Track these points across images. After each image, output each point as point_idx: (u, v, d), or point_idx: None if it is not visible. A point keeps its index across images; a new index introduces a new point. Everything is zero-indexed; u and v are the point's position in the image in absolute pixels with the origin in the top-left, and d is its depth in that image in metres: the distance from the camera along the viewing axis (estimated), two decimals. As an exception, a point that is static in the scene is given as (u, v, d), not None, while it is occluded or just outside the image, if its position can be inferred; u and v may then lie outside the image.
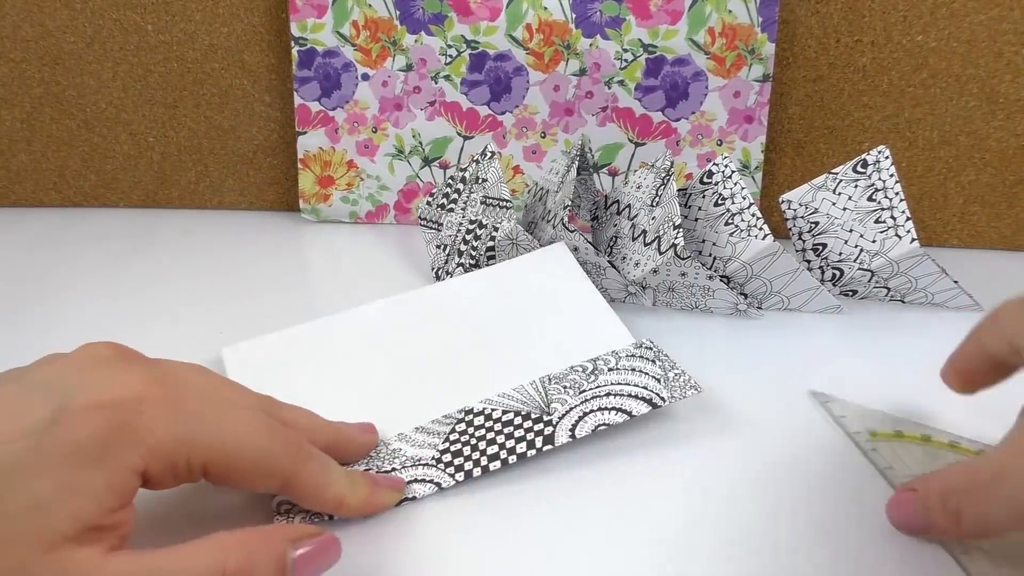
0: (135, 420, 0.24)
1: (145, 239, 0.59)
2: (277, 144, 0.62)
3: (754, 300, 0.50)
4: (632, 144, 0.58)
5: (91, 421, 0.24)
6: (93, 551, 0.23)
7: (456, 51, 0.56)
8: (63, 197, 0.63)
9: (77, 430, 0.23)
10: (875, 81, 0.56)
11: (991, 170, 0.58)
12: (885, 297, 0.51)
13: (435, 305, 0.44)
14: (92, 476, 0.23)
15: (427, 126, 0.58)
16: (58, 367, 0.26)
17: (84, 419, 0.24)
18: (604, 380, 0.37)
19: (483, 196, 0.49)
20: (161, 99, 0.60)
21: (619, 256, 0.50)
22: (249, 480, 0.27)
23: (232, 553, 0.24)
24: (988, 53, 0.54)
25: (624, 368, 0.38)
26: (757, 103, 0.56)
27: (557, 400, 0.36)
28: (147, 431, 0.24)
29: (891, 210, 0.48)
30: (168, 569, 0.24)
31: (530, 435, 0.35)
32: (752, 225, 0.47)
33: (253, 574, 0.24)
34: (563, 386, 0.37)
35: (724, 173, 0.49)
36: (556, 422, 0.35)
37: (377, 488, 0.31)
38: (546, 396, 0.36)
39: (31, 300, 0.49)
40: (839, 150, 0.59)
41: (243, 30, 0.58)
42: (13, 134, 0.61)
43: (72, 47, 0.58)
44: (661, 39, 0.55)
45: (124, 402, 0.24)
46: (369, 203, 0.61)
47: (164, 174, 0.63)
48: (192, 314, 0.48)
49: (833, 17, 0.55)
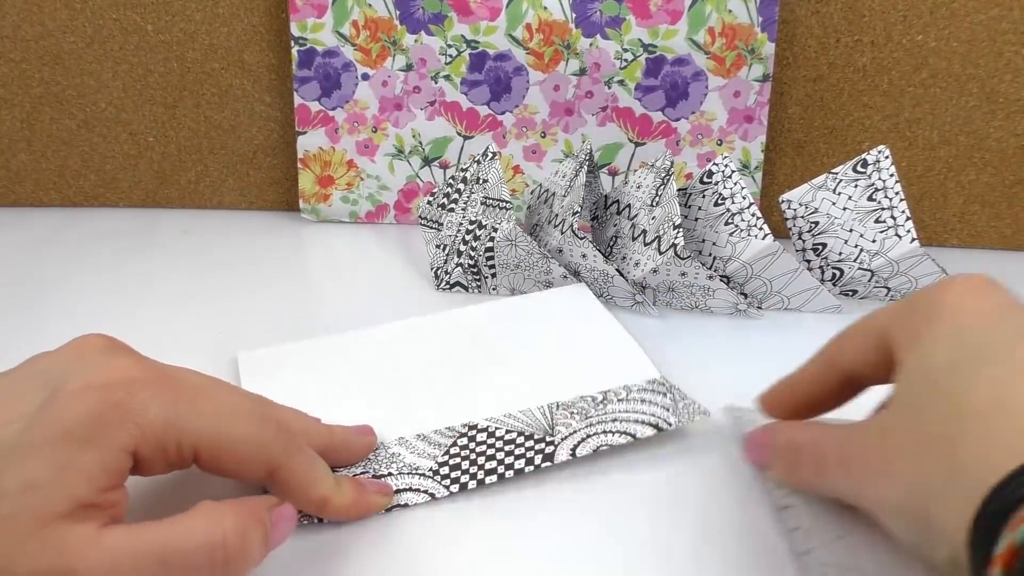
0: (128, 401, 0.24)
1: (145, 239, 0.59)
2: (277, 144, 0.62)
3: (754, 300, 0.50)
4: (632, 144, 0.58)
5: (84, 401, 0.24)
6: (87, 527, 0.23)
7: (456, 51, 0.56)
8: (63, 197, 0.63)
9: (69, 410, 0.24)
10: (875, 81, 0.56)
11: (991, 170, 0.58)
12: (885, 297, 0.51)
13: (453, 328, 0.44)
14: (84, 455, 0.23)
15: (427, 126, 0.58)
16: (53, 357, 0.27)
17: (76, 400, 0.24)
18: (612, 409, 0.37)
19: (483, 197, 0.49)
20: (161, 99, 0.60)
21: (619, 256, 0.50)
22: (237, 467, 0.27)
23: (228, 523, 0.25)
24: (988, 53, 0.54)
25: (634, 399, 0.38)
26: (757, 103, 0.56)
27: (562, 424, 0.36)
28: (139, 412, 0.25)
29: (891, 210, 0.48)
30: (166, 541, 0.24)
31: (530, 453, 0.35)
32: (752, 225, 0.47)
33: (247, 542, 0.25)
34: (570, 412, 0.36)
35: (724, 173, 0.49)
36: (558, 443, 0.35)
37: (364, 492, 0.31)
38: (552, 420, 0.36)
39: (31, 300, 0.49)
40: (839, 150, 0.59)
41: (243, 30, 0.58)
42: (13, 134, 0.61)
43: (72, 47, 0.58)
44: (661, 39, 0.55)
45: (117, 384, 0.25)
46: (369, 203, 0.61)
47: (164, 174, 0.63)
48: (192, 314, 0.48)
49: (833, 17, 0.55)
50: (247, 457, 0.27)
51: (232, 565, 0.25)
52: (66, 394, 0.24)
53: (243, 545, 0.25)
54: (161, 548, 0.24)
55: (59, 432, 0.23)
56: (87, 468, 0.23)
